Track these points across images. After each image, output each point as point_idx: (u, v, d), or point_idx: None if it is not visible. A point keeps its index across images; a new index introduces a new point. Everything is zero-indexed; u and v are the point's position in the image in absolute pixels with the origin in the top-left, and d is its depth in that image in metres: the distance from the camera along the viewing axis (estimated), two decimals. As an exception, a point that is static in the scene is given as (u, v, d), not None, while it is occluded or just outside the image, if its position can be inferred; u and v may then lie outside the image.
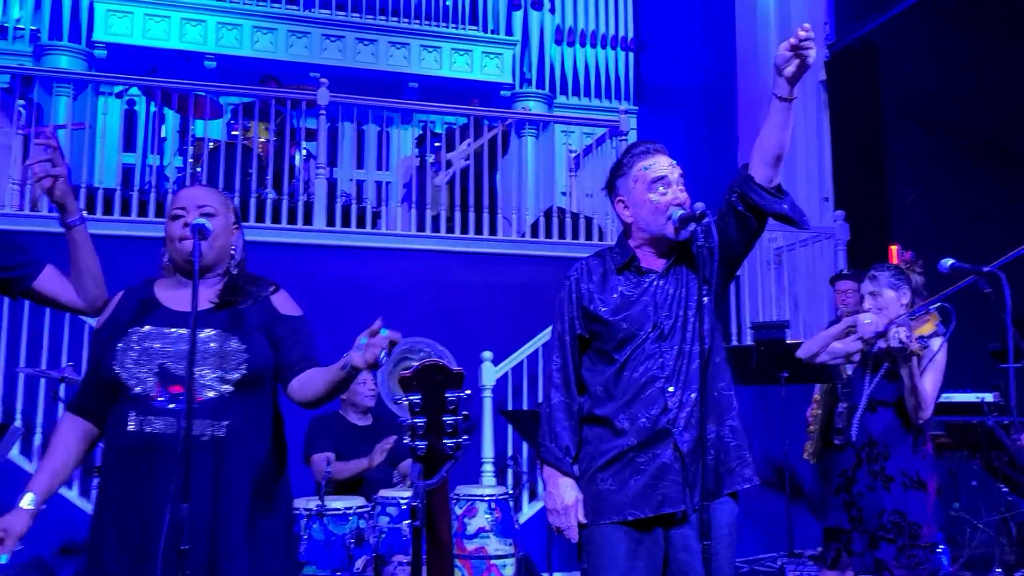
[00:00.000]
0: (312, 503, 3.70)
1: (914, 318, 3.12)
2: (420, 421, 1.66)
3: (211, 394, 2.00)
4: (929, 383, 3.13)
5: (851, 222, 7.02)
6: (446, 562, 1.70)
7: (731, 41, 7.90)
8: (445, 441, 1.64)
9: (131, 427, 1.97)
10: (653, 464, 2.15)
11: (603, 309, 2.24)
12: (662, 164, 2.26)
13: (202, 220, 2.02)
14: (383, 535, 3.70)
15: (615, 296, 2.25)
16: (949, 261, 2.79)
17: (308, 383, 2.04)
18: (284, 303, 2.19)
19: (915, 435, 3.21)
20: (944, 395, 4.46)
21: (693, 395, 2.16)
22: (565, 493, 2.22)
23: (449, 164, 7.08)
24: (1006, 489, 4.78)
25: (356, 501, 3.83)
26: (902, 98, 7.09)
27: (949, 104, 6.57)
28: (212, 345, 2.01)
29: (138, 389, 1.99)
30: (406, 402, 1.67)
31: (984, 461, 4.99)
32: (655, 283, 2.25)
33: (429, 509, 1.63)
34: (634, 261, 2.28)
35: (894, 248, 6.24)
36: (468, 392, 1.68)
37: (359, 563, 3.62)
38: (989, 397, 4.84)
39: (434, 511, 1.64)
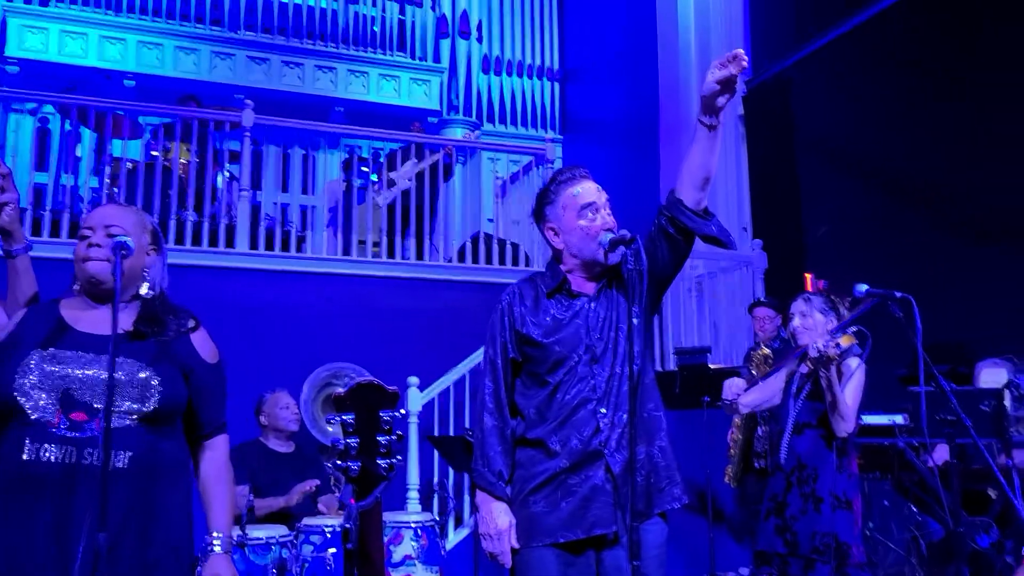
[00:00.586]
0: (233, 532, 3.58)
1: (832, 337, 3.28)
2: (353, 441, 1.63)
3: (115, 424, 1.88)
4: (849, 396, 3.30)
5: (768, 251, 7.22)
6: (378, 585, 1.66)
7: (653, 73, 8.09)
8: (379, 461, 1.62)
9: (26, 455, 1.86)
10: (585, 486, 2.16)
11: (536, 332, 2.25)
12: (590, 190, 2.29)
13: (123, 238, 1.94)
14: (307, 565, 3.61)
15: (547, 319, 2.27)
16: (864, 286, 2.91)
17: (202, 489, 2.13)
18: (204, 345, 2.11)
19: (839, 454, 3.33)
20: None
21: (624, 416, 2.18)
22: (498, 517, 2.20)
23: (393, 183, 7.04)
24: (916, 509, 4.95)
25: (278, 530, 3.72)
26: (816, 133, 7.38)
27: (859, 140, 6.86)
28: (120, 375, 1.91)
29: (36, 414, 1.88)
30: (339, 422, 1.64)
31: (895, 482, 5.16)
32: (587, 306, 2.27)
33: (362, 531, 1.60)
34: (565, 285, 2.30)
35: (808, 276, 6.45)
36: (404, 411, 1.66)
37: (282, 593, 3.53)
38: (900, 419, 5.00)
39: (367, 533, 1.61)
